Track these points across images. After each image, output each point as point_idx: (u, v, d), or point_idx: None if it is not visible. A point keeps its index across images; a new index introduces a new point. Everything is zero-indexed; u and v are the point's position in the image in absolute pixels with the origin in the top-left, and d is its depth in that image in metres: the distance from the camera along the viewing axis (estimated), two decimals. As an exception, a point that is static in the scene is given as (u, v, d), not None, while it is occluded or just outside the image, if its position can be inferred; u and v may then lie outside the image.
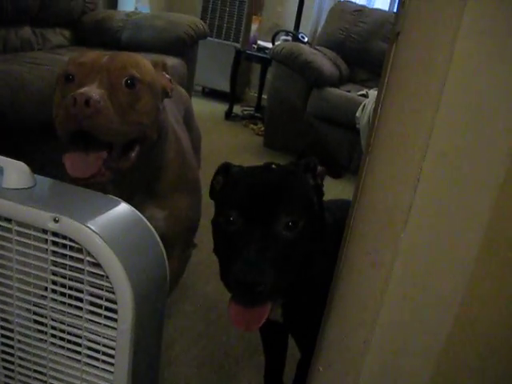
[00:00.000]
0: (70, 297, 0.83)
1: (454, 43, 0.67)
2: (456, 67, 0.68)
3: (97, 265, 0.77)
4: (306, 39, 4.46)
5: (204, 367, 1.63)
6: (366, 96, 3.53)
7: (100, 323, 0.82)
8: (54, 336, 0.87)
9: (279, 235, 0.93)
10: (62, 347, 0.87)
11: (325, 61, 3.84)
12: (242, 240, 0.92)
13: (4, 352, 0.90)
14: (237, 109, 5.06)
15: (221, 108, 4.93)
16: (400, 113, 0.73)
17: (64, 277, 0.81)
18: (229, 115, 4.88)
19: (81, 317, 0.83)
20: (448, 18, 0.68)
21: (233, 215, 0.95)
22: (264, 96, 4.92)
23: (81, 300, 0.82)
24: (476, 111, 0.68)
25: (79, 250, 0.78)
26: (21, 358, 0.90)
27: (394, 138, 0.74)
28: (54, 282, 0.83)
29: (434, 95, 0.70)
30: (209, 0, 5.26)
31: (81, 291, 0.81)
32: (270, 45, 4.53)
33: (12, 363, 0.91)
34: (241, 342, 1.76)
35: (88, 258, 0.77)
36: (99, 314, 0.81)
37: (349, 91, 3.71)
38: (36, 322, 0.87)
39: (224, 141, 3.89)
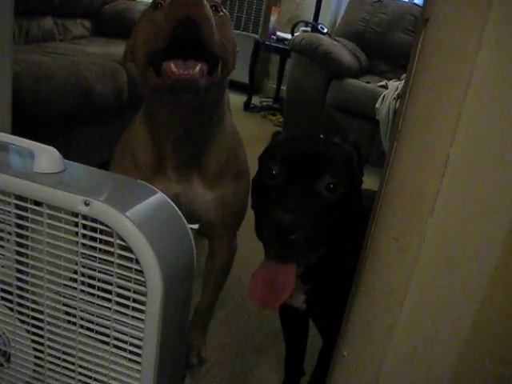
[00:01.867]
0: (100, 280, 0.84)
1: (484, 28, 0.67)
2: (486, 52, 0.68)
3: (126, 248, 0.78)
4: (325, 30, 4.44)
5: (225, 354, 1.65)
6: (385, 87, 3.52)
7: (128, 306, 0.83)
8: (82, 326, 0.88)
9: (319, 194, 0.95)
10: (91, 330, 0.88)
11: (344, 52, 3.83)
12: (282, 193, 0.94)
13: (35, 334, 0.92)
14: (255, 100, 5.07)
15: (240, 99, 4.93)
16: (428, 99, 0.74)
17: (94, 261, 0.83)
18: (248, 106, 4.89)
19: (110, 300, 0.84)
20: (477, 3, 0.68)
21: (275, 169, 0.98)
22: (283, 87, 4.92)
23: (110, 283, 0.83)
24: (505, 96, 0.69)
25: (109, 234, 0.79)
26: (50, 340, 0.91)
27: (421, 124, 0.75)
28: (84, 266, 0.84)
29: (462, 81, 0.70)
30: (228, -9, 5.27)
31: (110, 275, 0.82)
32: (289, 36, 4.52)
33: (42, 345, 0.92)
34: (261, 330, 1.78)
35: (118, 241, 0.79)
36: (128, 298, 0.83)
37: (368, 82, 3.70)
38: (66, 305, 0.88)
39: (243, 131, 3.86)
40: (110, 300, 0.84)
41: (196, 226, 2.29)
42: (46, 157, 0.86)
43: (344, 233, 1.02)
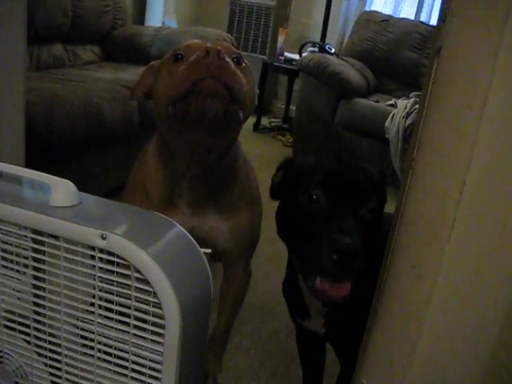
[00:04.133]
0: (117, 312, 0.84)
1: (497, 57, 0.68)
2: (498, 81, 0.68)
3: (144, 281, 0.78)
4: (332, 50, 4.46)
5: (241, 380, 1.64)
6: (394, 106, 3.52)
7: (147, 338, 0.83)
8: (100, 351, 0.88)
9: (364, 216, 0.96)
10: (109, 362, 0.88)
11: (352, 71, 3.83)
12: (332, 217, 0.94)
13: (52, 367, 0.92)
14: (265, 121, 5.08)
15: (249, 120, 4.87)
16: (443, 127, 0.74)
17: (111, 293, 0.83)
18: (257, 127, 4.90)
19: (128, 332, 0.84)
20: (490, 32, 0.68)
21: (316, 193, 0.97)
22: (291, 107, 4.93)
23: (127, 316, 0.83)
24: (520, 124, 0.69)
25: (126, 267, 0.80)
26: (68, 373, 0.91)
27: (436, 152, 0.75)
28: (101, 298, 0.84)
29: (476, 109, 0.70)
30: (235, 13, 5.31)
31: (128, 307, 0.82)
32: (296, 56, 4.54)
33: (60, 377, 0.92)
34: (277, 354, 1.77)
35: (135, 275, 0.79)
36: (146, 329, 0.83)
37: (377, 101, 3.70)
38: (83, 337, 0.88)
39: (253, 153, 3.90)
40: (128, 324, 0.84)
41: (209, 250, 2.29)
42: (62, 190, 0.86)
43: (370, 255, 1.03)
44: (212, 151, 1.20)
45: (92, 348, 0.88)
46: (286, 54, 4.90)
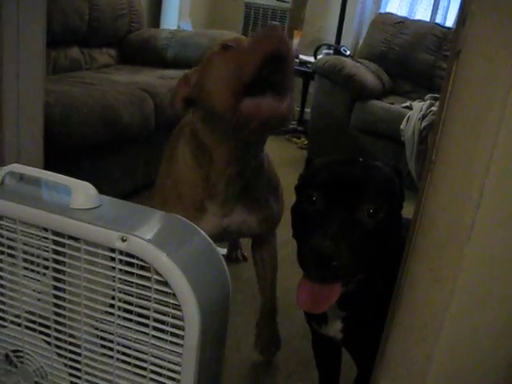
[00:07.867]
0: (136, 314, 0.85)
1: (517, 60, 0.68)
2: (519, 84, 0.68)
3: (163, 283, 0.79)
4: (347, 52, 4.45)
5: (257, 382, 1.64)
6: (409, 108, 3.51)
7: (166, 340, 0.84)
8: (119, 352, 0.89)
9: (359, 220, 0.95)
10: (128, 363, 0.89)
11: (367, 73, 3.83)
12: (323, 219, 0.95)
13: (71, 367, 0.93)
14: (279, 123, 5.07)
15: (263, 122, 4.93)
16: (462, 130, 0.74)
17: (130, 294, 0.84)
18: (272, 129, 4.90)
19: (147, 333, 0.85)
20: (510, 35, 0.68)
21: (315, 195, 0.98)
22: (306, 109, 4.93)
23: (147, 317, 0.84)
24: (540, 127, 0.69)
25: (146, 268, 0.80)
26: (87, 373, 0.92)
27: (456, 155, 0.75)
28: (120, 300, 0.85)
29: (496, 112, 0.70)
30: (250, 15, 5.32)
31: (147, 308, 0.83)
32: (311, 59, 4.54)
33: (79, 378, 0.93)
34: (293, 357, 1.77)
35: (155, 276, 0.79)
36: (165, 331, 0.83)
37: (392, 103, 3.69)
38: (102, 338, 0.89)
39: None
40: (147, 326, 0.84)
41: (224, 251, 2.30)
42: (82, 192, 0.87)
43: (384, 258, 1.02)
44: (251, 149, 1.24)
45: (111, 349, 0.89)
46: (301, 56, 4.89)
